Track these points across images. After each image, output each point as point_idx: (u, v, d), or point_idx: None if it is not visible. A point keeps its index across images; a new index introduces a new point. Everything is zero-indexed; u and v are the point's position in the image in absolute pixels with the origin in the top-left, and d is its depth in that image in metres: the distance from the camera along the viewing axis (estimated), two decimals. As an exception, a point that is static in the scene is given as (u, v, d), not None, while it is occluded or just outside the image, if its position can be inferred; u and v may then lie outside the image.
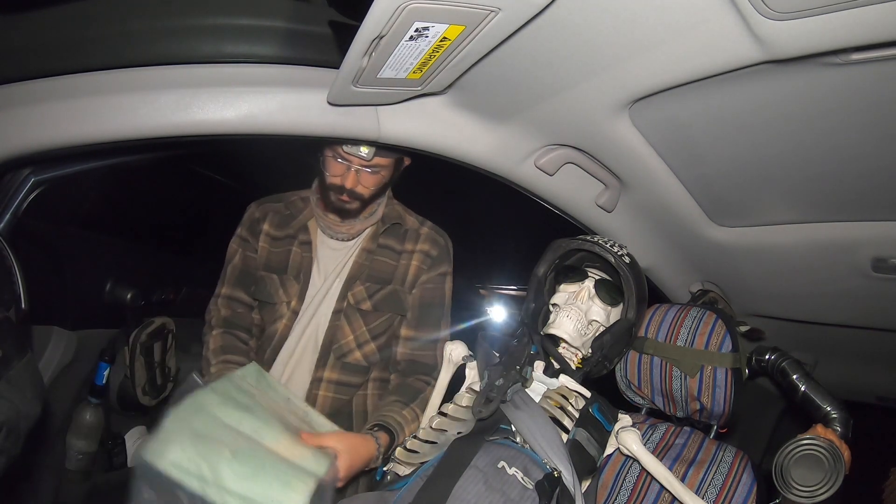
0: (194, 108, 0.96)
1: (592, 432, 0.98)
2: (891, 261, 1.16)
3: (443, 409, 1.06)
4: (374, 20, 0.72)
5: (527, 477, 0.85)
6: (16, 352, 0.84)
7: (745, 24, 0.71)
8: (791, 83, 0.81)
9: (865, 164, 0.95)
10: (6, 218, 1.19)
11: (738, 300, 1.54)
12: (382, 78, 0.89)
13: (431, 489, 0.82)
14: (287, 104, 0.99)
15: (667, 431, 1.16)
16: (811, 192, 1.10)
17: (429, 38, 0.79)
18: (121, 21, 0.93)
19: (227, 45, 0.97)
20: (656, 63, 0.84)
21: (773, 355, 1.34)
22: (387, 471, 1.02)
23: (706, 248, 1.37)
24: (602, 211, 1.29)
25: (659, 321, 1.22)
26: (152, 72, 0.96)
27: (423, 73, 0.90)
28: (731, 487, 1.03)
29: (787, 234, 1.24)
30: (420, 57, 0.84)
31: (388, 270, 1.29)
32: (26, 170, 1.20)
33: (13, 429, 0.79)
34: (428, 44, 0.80)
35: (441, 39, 0.79)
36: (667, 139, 1.07)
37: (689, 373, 1.14)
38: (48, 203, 1.26)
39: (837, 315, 1.45)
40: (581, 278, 1.10)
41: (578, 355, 1.07)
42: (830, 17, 0.65)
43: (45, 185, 1.23)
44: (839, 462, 0.96)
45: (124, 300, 1.75)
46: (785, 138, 0.95)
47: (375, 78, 0.88)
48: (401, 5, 0.69)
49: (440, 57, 0.85)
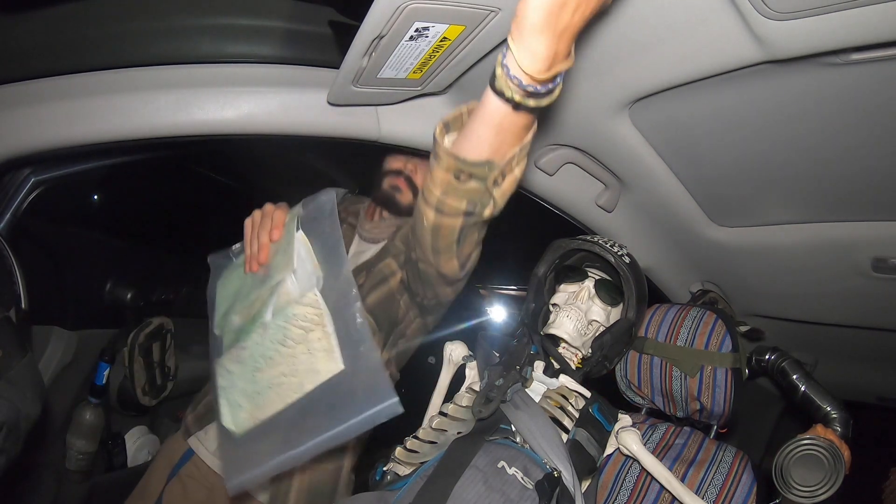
0: (194, 108, 0.96)
1: (592, 432, 0.97)
2: (891, 261, 1.16)
3: (443, 409, 1.06)
4: (374, 20, 0.72)
5: (527, 477, 0.85)
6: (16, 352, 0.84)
7: (745, 24, 0.71)
8: (791, 83, 0.81)
9: (865, 164, 0.95)
10: (6, 218, 1.19)
11: (738, 300, 1.54)
12: (382, 78, 0.89)
13: (431, 489, 0.82)
14: (287, 104, 0.99)
15: (667, 431, 1.16)
16: (811, 192, 1.10)
17: (429, 38, 0.79)
18: (121, 21, 0.93)
19: (227, 45, 0.97)
20: (656, 63, 0.84)
21: (773, 355, 1.34)
22: (387, 471, 1.02)
23: (706, 248, 1.37)
24: (602, 211, 1.29)
25: (659, 321, 1.22)
26: (152, 72, 0.96)
27: (423, 73, 0.90)
28: (731, 487, 1.02)
29: (787, 234, 1.24)
30: (420, 57, 0.84)
31: (385, 246, 1.26)
32: (26, 170, 1.20)
33: (13, 429, 0.79)
34: (428, 44, 0.80)
35: (441, 39, 0.79)
36: (667, 139, 1.07)
37: (689, 373, 1.14)
38: (48, 203, 1.26)
39: (837, 315, 1.45)
40: (581, 278, 1.10)
41: (578, 355, 1.07)
42: (830, 17, 0.65)
43: (45, 185, 1.23)
44: (839, 462, 0.96)
45: (124, 300, 1.76)
46: (785, 138, 0.95)
47: (375, 78, 0.89)
48: (401, 5, 0.69)
49: (440, 57, 0.85)
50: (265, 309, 0.90)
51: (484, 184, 0.78)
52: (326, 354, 0.86)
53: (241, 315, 0.95)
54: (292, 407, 0.87)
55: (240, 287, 0.99)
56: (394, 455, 1.02)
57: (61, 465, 1.59)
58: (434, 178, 0.81)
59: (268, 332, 0.89)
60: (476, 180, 0.77)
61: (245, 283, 0.98)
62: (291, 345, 0.88)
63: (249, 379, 0.91)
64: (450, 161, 0.76)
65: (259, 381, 0.90)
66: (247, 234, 1.00)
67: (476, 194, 0.80)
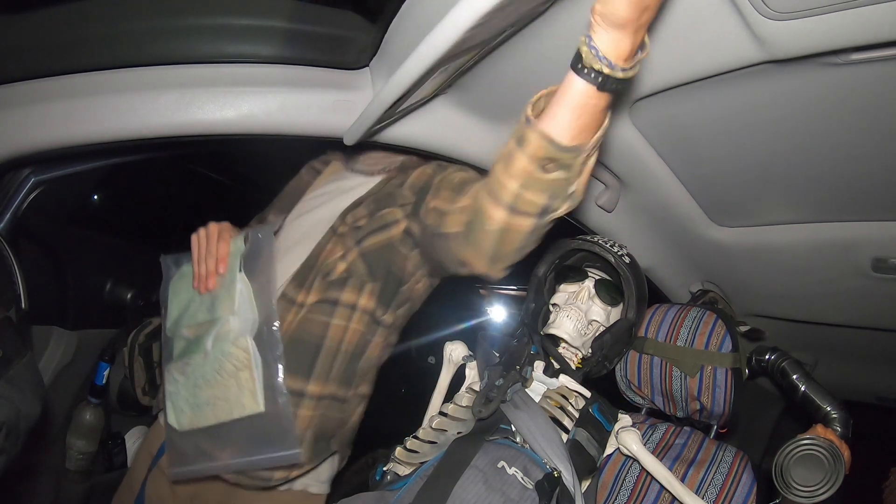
0: (194, 108, 0.96)
1: (592, 432, 0.97)
2: (891, 261, 1.16)
3: (443, 409, 1.06)
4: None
5: (527, 477, 0.85)
6: (16, 352, 0.84)
7: (745, 24, 0.71)
8: (791, 83, 0.81)
9: (865, 164, 0.95)
10: (6, 218, 1.19)
11: (738, 300, 1.54)
12: (401, 109, 0.90)
13: (431, 489, 0.82)
14: (287, 104, 0.99)
15: (667, 431, 1.16)
16: (811, 192, 1.10)
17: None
18: (121, 21, 0.93)
19: (227, 45, 0.97)
20: (656, 63, 0.84)
21: (773, 355, 1.34)
22: (387, 471, 1.02)
23: (706, 248, 1.37)
24: (602, 211, 1.29)
25: (659, 321, 1.22)
26: (152, 72, 0.96)
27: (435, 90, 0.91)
28: (731, 487, 1.02)
29: (788, 234, 1.24)
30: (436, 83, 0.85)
31: (390, 189, 1.14)
32: (26, 170, 1.20)
33: (13, 429, 0.79)
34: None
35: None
36: (667, 139, 1.07)
37: (689, 373, 1.14)
38: (48, 203, 1.26)
39: (837, 315, 1.45)
40: (581, 278, 1.10)
41: (578, 355, 1.07)
42: (830, 17, 0.65)
43: (45, 185, 1.23)
44: (839, 462, 0.96)
45: (124, 300, 1.75)
46: (785, 138, 0.95)
47: (395, 112, 0.89)
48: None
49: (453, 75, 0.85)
50: (207, 337, 1.03)
51: (568, 173, 0.73)
52: (251, 395, 0.99)
53: (190, 330, 1.07)
54: (223, 425, 1.01)
55: (189, 301, 1.09)
56: (394, 455, 1.02)
57: (61, 465, 1.58)
58: (512, 169, 0.75)
59: (208, 359, 1.02)
60: (562, 170, 0.73)
61: (194, 298, 1.08)
62: (225, 376, 1.01)
63: (191, 392, 1.04)
64: (541, 146, 0.71)
65: (199, 396, 1.03)
66: (194, 253, 1.08)
67: (558, 187, 0.75)
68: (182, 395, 1.05)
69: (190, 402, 1.04)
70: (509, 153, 0.75)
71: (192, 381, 1.04)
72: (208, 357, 1.02)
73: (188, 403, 1.05)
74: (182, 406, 1.05)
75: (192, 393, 1.04)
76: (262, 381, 0.99)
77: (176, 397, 1.05)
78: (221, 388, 1.01)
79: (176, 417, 1.05)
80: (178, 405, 1.05)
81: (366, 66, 1.02)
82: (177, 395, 1.05)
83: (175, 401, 1.05)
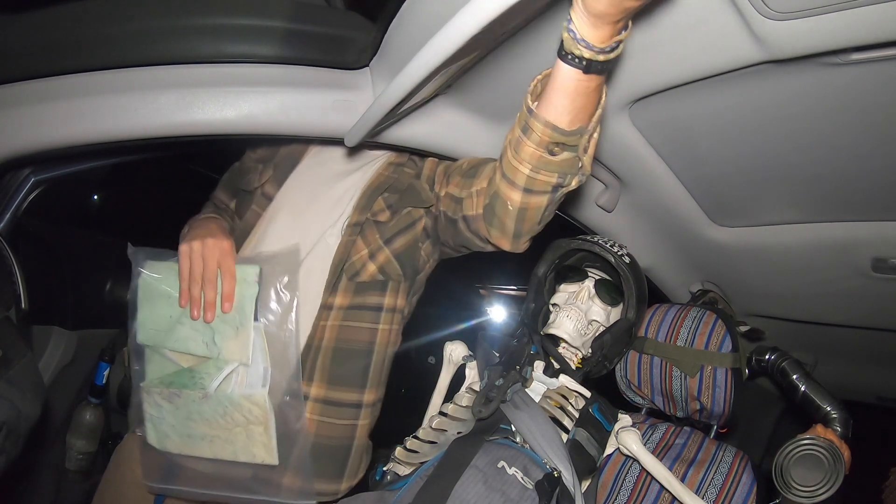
0: (194, 108, 0.96)
1: (592, 432, 0.97)
2: (891, 261, 1.16)
3: (443, 409, 1.06)
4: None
5: (527, 477, 0.85)
6: (16, 352, 0.84)
7: (745, 24, 0.71)
8: (791, 83, 0.81)
9: (865, 164, 0.95)
10: (6, 218, 1.19)
11: (738, 300, 1.54)
12: (401, 111, 0.90)
13: (431, 489, 0.82)
14: (287, 104, 0.99)
15: (667, 431, 1.16)
16: (811, 191, 1.10)
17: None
18: (121, 21, 0.93)
19: (227, 45, 0.97)
20: (656, 63, 0.84)
21: (773, 355, 1.34)
22: (387, 471, 1.02)
23: (706, 248, 1.37)
24: (602, 211, 1.29)
25: (659, 321, 1.22)
26: (152, 72, 0.96)
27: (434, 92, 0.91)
28: (731, 487, 1.03)
29: (787, 234, 1.24)
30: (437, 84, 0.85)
31: (406, 180, 1.12)
32: (26, 170, 1.20)
33: (13, 429, 0.79)
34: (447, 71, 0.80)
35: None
36: (667, 139, 1.07)
37: (689, 373, 1.14)
38: (48, 203, 1.26)
39: (837, 315, 1.45)
40: (581, 278, 1.10)
41: (578, 355, 1.07)
42: (830, 17, 0.65)
43: (45, 185, 1.23)
44: (839, 462, 0.96)
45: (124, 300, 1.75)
46: (785, 138, 0.95)
47: (396, 114, 0.89)
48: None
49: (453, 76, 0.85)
50: (209, 380, 0.94)
51: (576, 152, 0.78)
52: (265, 447, 0.93)
53: (177, 357, 0.97)
54: (222, 462, 0.96)
55: (172, 318, 0.96)
56: (394, 455, 1.02)
57: (61, 465, 1.59)
58: (521, 155, 0.80)
59: (209, 400, 0.94)
60: (569, 150, 0.78)
61: (182, 320, 0.96)
62: (231, 423, 0.94)
63: (182, 422, 0.96)
64: (545, 133, 0.75)
65: (192, 428, 0.96)
66: (184, 271, 0.95)
67: (567, 165, 0.80)
68: (167, 422, 0.97)
69: (178, 430, 0.96)
70: (517, 140, 0.80)
71: (182, 412, 0.95)
72: (209, 399, 0.93)
73: (176, 431, 0.97)
74: (167, 431, 0.97)
75: (183, 423, 0.96)
76: (277, 434, 0.93)
77: (159, 422, 0.97)
78: (224, 431, 0.94)
79: (157, 438, 0.98)
80: (162, 429, 0.97)
81: (366, 66, 1.02)
82: (160, 419, 0.97)
83: (157, 423, 0.97)
